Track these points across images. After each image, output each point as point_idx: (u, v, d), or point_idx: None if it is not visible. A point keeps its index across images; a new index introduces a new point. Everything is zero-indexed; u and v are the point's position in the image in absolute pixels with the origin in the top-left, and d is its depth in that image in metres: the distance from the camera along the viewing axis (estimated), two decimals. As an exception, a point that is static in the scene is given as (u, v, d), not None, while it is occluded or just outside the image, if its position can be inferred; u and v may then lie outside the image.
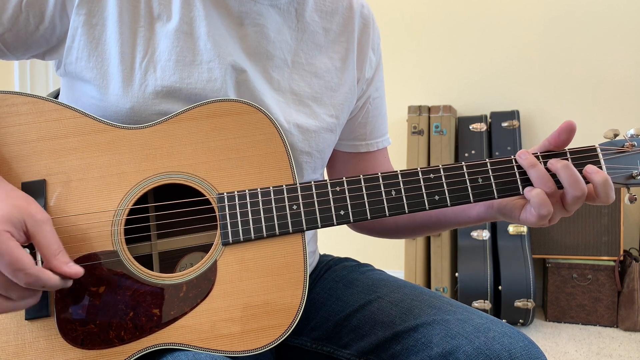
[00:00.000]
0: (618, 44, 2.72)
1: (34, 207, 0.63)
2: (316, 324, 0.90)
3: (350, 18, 0.93)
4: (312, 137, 0.86)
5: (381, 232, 1.02)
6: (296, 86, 0.85)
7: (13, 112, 0.71)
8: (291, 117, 0.83)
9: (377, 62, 0.98)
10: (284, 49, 0.85)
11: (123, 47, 0.74)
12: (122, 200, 0.70)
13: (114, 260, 0.69)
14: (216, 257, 0.71)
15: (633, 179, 0.76)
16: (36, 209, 0.62)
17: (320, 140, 0.87)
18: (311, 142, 0.86)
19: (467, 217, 0.87)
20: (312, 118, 0.86)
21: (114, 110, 0.74)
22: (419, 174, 0.75)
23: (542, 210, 0.73)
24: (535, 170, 0.74)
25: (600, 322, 2.52)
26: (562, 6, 2.79)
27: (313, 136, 0.86)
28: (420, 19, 3.05)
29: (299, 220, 0.72)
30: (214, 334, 0.68)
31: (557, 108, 2.83)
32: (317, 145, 0.87)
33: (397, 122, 2.96)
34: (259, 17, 0.82)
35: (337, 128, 0.91)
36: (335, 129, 0.90)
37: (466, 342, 0.73)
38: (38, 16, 0.74)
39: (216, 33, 0.78)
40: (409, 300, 0.84)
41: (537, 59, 2.84)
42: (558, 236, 2.59)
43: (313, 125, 0.86)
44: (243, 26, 0.81)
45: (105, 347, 0.67)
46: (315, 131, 0.86)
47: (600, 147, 0.77)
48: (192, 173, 0.72)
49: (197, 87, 0.76)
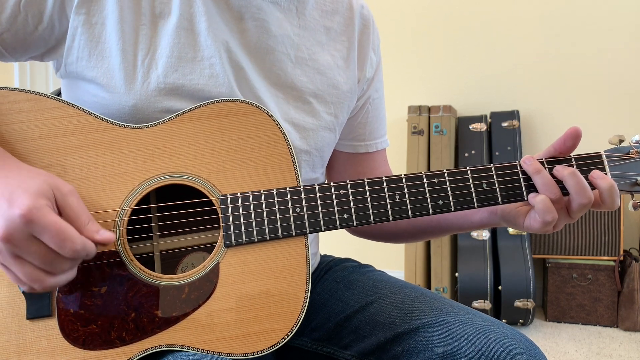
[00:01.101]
0: (619, 44, 2.72)
1: (58, 180, 0.64)
2: (317, 325, 0.90)
3: (351, 18, 0.93)
4: (310, 135, 0.85)
5: (380, 236, 1.01)
6: (298, 81, 0.85)
7: (15, 109, 0.70)
8: (288, 115, 0.83)
9: (377, 63, 0.98)
10: (286, 44, 0.84)
11: (125, 45, 0.74)
12: (125, 200, 0.70)
13: (116, 260, 0.69)
14: (218, 259, 0.71)
15: (638, 186, 0.76)
16: (61, 181, 0.64)
17: (319, 139, 0.87)
18: (309, 141, 0.86)
19: (469, 222, 0.87)
20: (311, 115, 0.86)
21: (117, 108, 0.74)
22: (423, 179, 0.75)
23: (547, 216, 0.73)
24: (541, 176, 0.73)
25: (600, 322, 2.52)
26: (562, 6, 2.79)
27: (311, 134, 0.86)
28: (420, 19, 3.04)
29: (302, 223, 0.72)
30: (215, 336, 0.68)
31: (557, 108, 2.83)
32: (316, 144, 0.87)
33: (397, 122, 2.96)
34: (259, 12, 0.81)
35: (336, 127, 0.91)
36: (334, 128, 0.90)
37: (467, 344, 0.73)
38: (37, 16, 0.73)
39: (216, 28, 0.78)
40: (410, 301, 0.84)
41: (537, 59, 2.84)
42: (558, 236, 2.59)
43: (311, 124, 0.85)
44: (243, 20, 0.81)
45: (106, 347, 0.67)
46: (313, 129, 0.86)
47: (606, 154, 0.76)
48: (195, 174, 0.72)
49: (200, 83, 0.76)
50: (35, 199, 0.58)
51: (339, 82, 0.90)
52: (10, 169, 0.64)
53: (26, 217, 0.57)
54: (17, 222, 0.57)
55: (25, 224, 0.57)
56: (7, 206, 0.58)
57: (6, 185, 0.60)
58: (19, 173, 0.63)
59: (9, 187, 0.60)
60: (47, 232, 0.58)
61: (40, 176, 0.63)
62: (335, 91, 0.89)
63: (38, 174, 0.63)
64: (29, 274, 0.59)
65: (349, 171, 1.00)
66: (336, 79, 0.89)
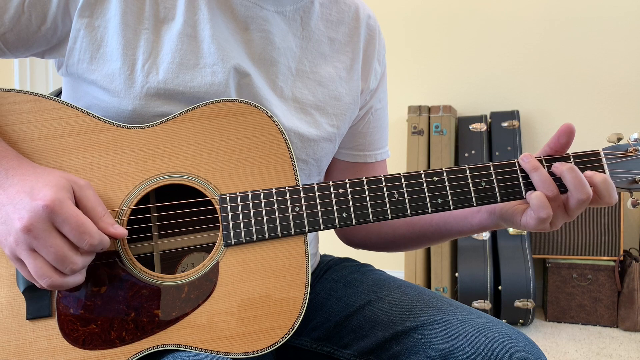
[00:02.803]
0: (619, 44, 2.72)
1: (73, 175, 0.66)
2: (316, 324, 0.90)
3: (356, 29, 0.92)
4: (310, 145, 0.86)
5: (379, 244, 1.00)
6: (299, 94, 0.85)
7: (15, 110, 0.71)
8: (293, 124, 0.83)
9: (382, 74, 0.98)
10: (288, 56, 0.84)
11: (125, 49, 0.74)
12: (124, 200, 0.70)
13: (116, 260, 0.69)
14: (218, 258, 0.71)
15: (636, 183, 0.76)
16: (75, 176, 0.66)
17: (319, 149, 0.87)
18: (309, 151, 0.86)
19: (469, 225, 0.86)
20: (314, 127, 0.86)
21: (116, 112, 0.74)
22: (422, 177, 0.75)
23: (541, 212, 0.73)
24: (538, 173, 0.74)
25: (600, 322, 2.52)
26: (562, 6, 2.79)
27: (312, 145, 0.86)
28: (420, 18, 3.05)
29: (302, 222, 0.72)
30: (215, 335, 0.68)
31: (557, 108, 2.83)
32: (315, 154, 0.87)
33: (397, 122, 2.96)
34: (265, 23, 0.81)
35: (336, 138, 0.91)
36: (335, 139, 0.90)
37: (466, 343, 0.73)
38: (40, 17, 0.73)
39: (220, 36, 0.78)
40: (409, 300, 0.84)
41: (537, 59, 2.84)
42: (558, 236, 2.59)
43: (313, 134, 0.85)
44: (248, 31, 0.81)
45: (106, 347, 0.67)
46: (315, 140, 0.86)
47: (604, 152, 0.76)
48: (194, 173, 0.72)
49: (200, 91, 0.76)
50: (57, 192, 0.61)
51: (341, 93, 0.89)
52: (26, 168, 0.66)
53: (49, 208, 0.60)
54: (41, 213, 0.60)
55: (49, 214, 0.60)
56: (29, 199, 0.61)
57: (25, 181, 0.63)
58: (35, 171, 0.65)
59: (29, 183, 0.63)
60: (68, 224, 0.61)
61: (57, 172, 0.66)
62: (337, 103, 0.89)
63: (53, 171, 0.66)
64: (40, 268, 0.61)
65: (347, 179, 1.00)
66: (338, 90, 0.89)
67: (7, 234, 0.61)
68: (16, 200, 0.61)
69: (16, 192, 0.62)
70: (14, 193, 0.62)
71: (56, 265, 0.61)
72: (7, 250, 0.62)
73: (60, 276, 0.62)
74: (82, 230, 0.61)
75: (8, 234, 0.61)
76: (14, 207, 0.61)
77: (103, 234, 0.64)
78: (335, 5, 0.91)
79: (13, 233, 0.61)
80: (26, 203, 0.61)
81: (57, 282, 0.62)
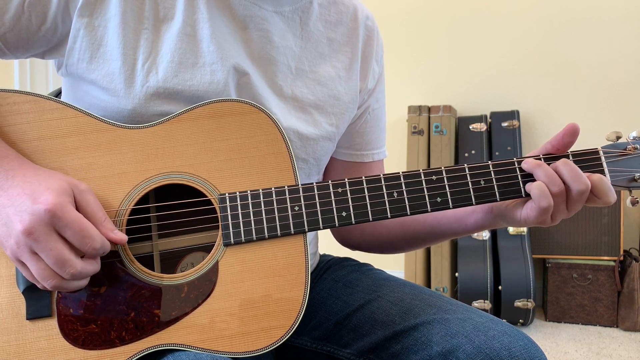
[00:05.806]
0: (619, 44, 2.72)
1: (74, 179, 0.66)
2: (316, 324, 0.90)
3: (355, 29, 0.93)
4: (310, 144, 0.86)
5: (375, 246, 1.00)
6: (299, 93, 0.85)
7: (14, 110, 0.71)
8: (291, 123, 0.83)
9: (380, 74, 0.98)
10: (287, 55, 0.85)
11: (125, 48, 0.74)
12: (124, 200, 0.70)
13: (116, 260, 0.69)
14: (217, 257, 0.71)
15: (635, 182, 0.76)
16: (77, 180, 0.66)
17: (318, 148, 0.87)
18: (308, 150, 0.86)
19: (464, 226, 0.86)
20: (313, 126, 0.86)
21: (116, 111, 0.74)
22: (421, 176, 0.75)
23: (543, 202, 0.72)
24: (542, 169, 0.73)
25: (600, 322, 2.52)
26: (562, 6, 2.79)
27: (311, 144, 0.86)
28: (420, 18, 3.05)
29: (301, 221, 0.72)
30: (215, 334, 0.68)
31: (557, 108, 2.83)
32: (315, 153, 0.87)
33: (397, 122, 2.97)
34: (263, 22, 0.82)
35: (335, 137, 0.91)
36: (334, 138, 0.91)
37: (466, 341, 0.74)
38: (40, 17, 0.73)
39: (219, 36, 0.78)
40: (409, 299, 0.84)
41: (537, 59, 2.84)
42: (558, 236, 2.59)
43: (312, 133, 0.86)
44: (247, 30, 0.81)
45: (106, 347, 0.67)
46: (314, 139, 0.86)
47: (603, 150, 0.77)
48: (193, 173, 0.72)
49: (200, 90, 0.76)
50: (58, 196, 0.61)
51: (340, 92, 0.90)
52: (27, 169, 0.66)
53: (51, 212, 0.60)
54: (43, 217, 0.60)
55: (50, 218, 0.60)
56: (31, 202, 0.61)
57: (26, 183, 0.63)
58: (36, 173, 0.65)
59: (31, 185, 0.63)
60: (70, 228, 0.61)
61: (58, 175, 0.66)
62: (336, 102, 0.89)
63: (54, 174, 0.66)
64: (43, 270, 0.62)
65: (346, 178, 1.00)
66: (337, 89, 0.89)
67: (8, 235, 0.62)
68: (17, 203, 0.61)
69: (17, 194, 0.62)
70: (15, 195, 0.62)
71: (55, 268, 0.61)
72: (9, 252, 0.62)
73: (62, 281, 0.63)
74: (84, 234, 0.62)
75: (9, 236, 0.61)
76: (15, 209, 0.61)
77: (105, 238, 0.64)
78: (333, 6, 0.91)
79: (14, 235, 0.61)
80: (27, 206, 0.61)
81: (60, 283, 0.63)
